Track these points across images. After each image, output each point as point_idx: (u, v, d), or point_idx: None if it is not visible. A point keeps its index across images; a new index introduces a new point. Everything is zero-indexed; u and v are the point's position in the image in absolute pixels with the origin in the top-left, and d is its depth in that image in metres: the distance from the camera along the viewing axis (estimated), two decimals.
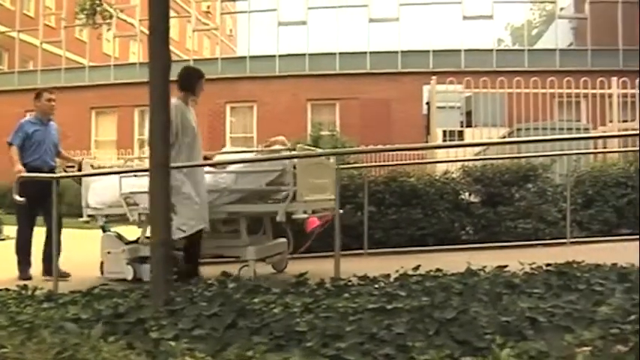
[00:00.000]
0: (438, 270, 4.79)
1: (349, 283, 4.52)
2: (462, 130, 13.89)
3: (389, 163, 12.04)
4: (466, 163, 9.63)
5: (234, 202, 6.31)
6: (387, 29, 24.22)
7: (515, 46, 32.25)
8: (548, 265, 4.81)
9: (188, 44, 30.05)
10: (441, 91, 13.44)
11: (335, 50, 24.03)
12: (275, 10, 24.56)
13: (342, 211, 7.05)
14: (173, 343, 3.00)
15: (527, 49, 24.53)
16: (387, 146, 13.92)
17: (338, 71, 23.93)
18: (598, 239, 8.77)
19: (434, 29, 23.50)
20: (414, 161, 11.78)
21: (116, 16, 15.64)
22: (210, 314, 3.56)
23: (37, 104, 7.38)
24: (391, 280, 4.57)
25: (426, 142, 14.79)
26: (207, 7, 29.81)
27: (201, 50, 35.29)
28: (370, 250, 8.21)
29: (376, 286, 4.30)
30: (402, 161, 12.57)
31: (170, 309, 3.76)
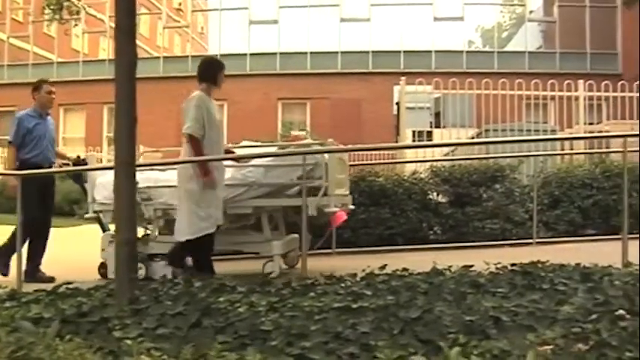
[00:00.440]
0: (404, 269, 4.80)
1: (316, 282, 4.51)
2: (431, 131, 13.96)
3: (358, 162, 12.05)
4: (435, 163, 9.67)
5: (261, 196, 6.18)
6: (358, 29, 24.32)
7: (486, 48, 32.48)
8: (513, 265, 4.85)
9: (159, 41, 29.83)
10: (411, 92, 13.47)
11: (306, 50, 24.10)
12: (247, 9, 24.56)
13: (352, 207, 7.05)
14: (130, 342, 2.97)
15: (497, 51, 24.84)
16: (357, 146, 13.93)
17: (309, 70, 24.00)
18: (563, 239, 8.87)
19: (405, 30, 23.60)
20: (383, 161, 11.79)
21: (84, 12, 15.44)
22: (175, 313, 3.54)
23: (35, 96, 6.81)
24: (358, 280, 4.57)
25: (396, 142, 14.82)
26: (179, 4, 29.65)
27: (172, 48, 35.01)
28: (339, 250, 8.20)
29: (342, 285, 4.29)
30: (372, 161, 12.61)
31: (134, 308, 3.72)
